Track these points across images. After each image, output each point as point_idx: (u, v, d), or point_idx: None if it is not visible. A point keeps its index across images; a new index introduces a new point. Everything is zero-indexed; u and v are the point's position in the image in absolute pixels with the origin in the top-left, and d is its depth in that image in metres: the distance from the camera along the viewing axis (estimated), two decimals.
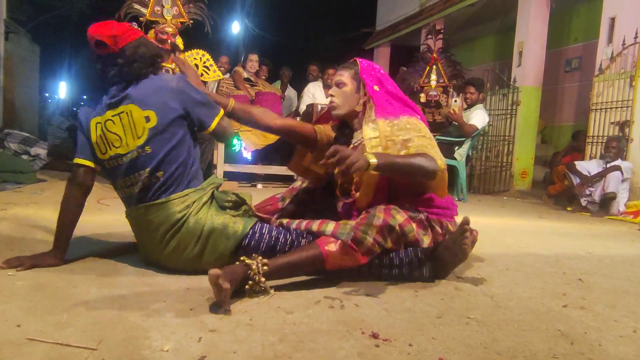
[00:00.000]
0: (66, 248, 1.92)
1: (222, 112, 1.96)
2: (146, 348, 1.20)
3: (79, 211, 1.92)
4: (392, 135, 1.94)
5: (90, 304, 1.49)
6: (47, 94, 17.17)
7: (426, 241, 1.93)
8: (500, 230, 3.34)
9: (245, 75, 5.98)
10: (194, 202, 1.81)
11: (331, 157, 1.67)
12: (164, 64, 3.81)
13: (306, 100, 6.32)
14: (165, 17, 4.18)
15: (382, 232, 1.79)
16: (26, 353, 1.14)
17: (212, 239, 1.79)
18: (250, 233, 1.83)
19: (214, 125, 1.92)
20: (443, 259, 1.90)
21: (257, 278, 1.62)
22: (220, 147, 5.26)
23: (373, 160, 1.71)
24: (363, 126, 2.03)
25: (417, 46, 8.43)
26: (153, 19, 4.19)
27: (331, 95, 2.14)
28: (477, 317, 1.54)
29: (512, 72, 6.83)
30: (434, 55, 5.47)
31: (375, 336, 1.33)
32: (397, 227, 1.82)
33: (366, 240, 1.76)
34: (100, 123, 1.84)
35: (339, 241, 1.75)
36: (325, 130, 2.28)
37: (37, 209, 3.17)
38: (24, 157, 5.58)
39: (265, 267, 1.65)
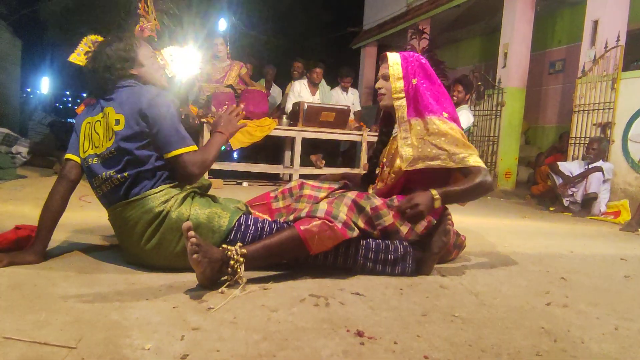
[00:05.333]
0: (46, 244, 1.89)
1: (193, 147, 1.83)
2: (127, 347, 1.18)
3: (62, 205, 1.91)
4: (422, 134, 2.06)
5: (70, 302, 1.45)
6: (29, 89, 16.86)
7: (403, 230, 1.98)
8: (484, 230, 3.36)
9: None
10: (172, 197, 1.80)
11: (407, 207, 1.90)
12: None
13: (292, 98, 6.26)
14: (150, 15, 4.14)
15: (353, 210, 1.87)
16: (2, 352, 1.11)
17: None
18: (236, 226, 1.84)
19: (172, 154, 1.80)
20: (428, 244, 1.96)
21: (235, 257, 1.64)
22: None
23: (437, 200, 1.92)
24: (397, 126, 2.16)
25: (404, 46, 8.45)
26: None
27: (379, 88, 2.23)
28: (462, 315, 1.54)
29: (497, 74, 6.89)
30: None
31: (360, 334, 1.33)
32: (368, 208, 1.91)
33: (340, 214, 1.81)
34: (90, 123, 1.89)
35: (315, 218, 1.77)
36: None
37: (16, 206, 3.10)
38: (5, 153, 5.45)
39: (243, 250, 1.67)
